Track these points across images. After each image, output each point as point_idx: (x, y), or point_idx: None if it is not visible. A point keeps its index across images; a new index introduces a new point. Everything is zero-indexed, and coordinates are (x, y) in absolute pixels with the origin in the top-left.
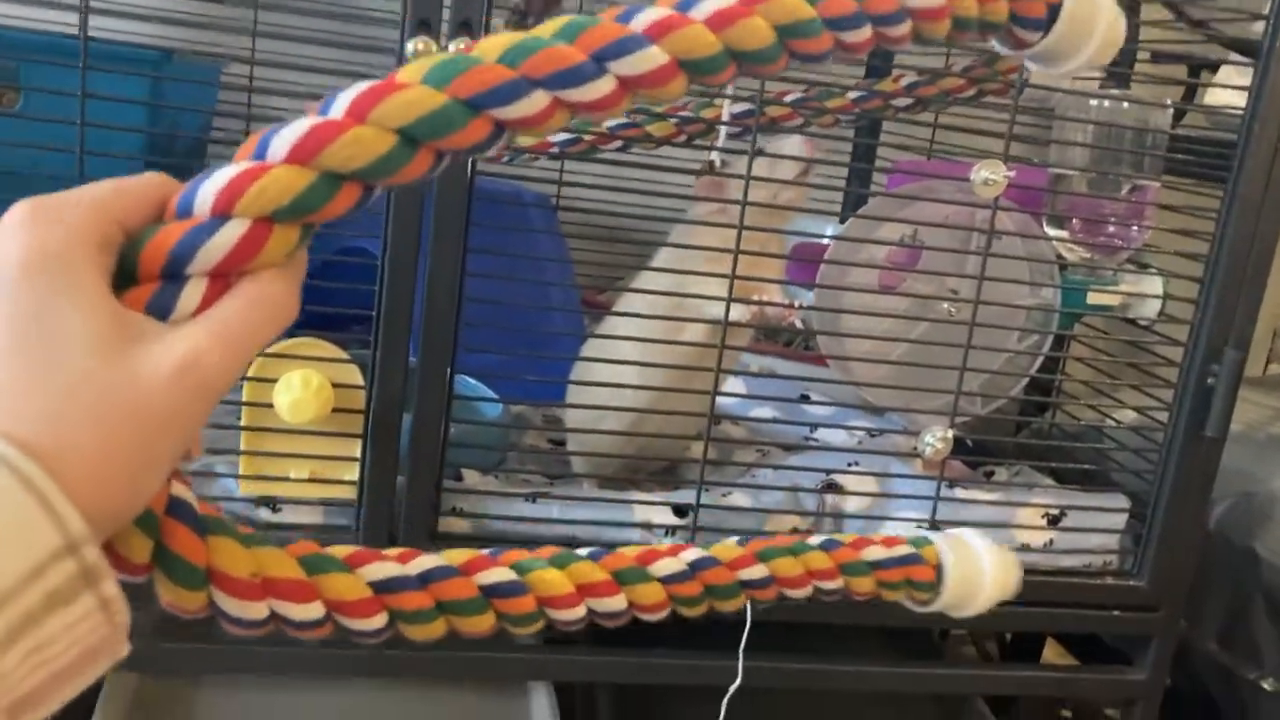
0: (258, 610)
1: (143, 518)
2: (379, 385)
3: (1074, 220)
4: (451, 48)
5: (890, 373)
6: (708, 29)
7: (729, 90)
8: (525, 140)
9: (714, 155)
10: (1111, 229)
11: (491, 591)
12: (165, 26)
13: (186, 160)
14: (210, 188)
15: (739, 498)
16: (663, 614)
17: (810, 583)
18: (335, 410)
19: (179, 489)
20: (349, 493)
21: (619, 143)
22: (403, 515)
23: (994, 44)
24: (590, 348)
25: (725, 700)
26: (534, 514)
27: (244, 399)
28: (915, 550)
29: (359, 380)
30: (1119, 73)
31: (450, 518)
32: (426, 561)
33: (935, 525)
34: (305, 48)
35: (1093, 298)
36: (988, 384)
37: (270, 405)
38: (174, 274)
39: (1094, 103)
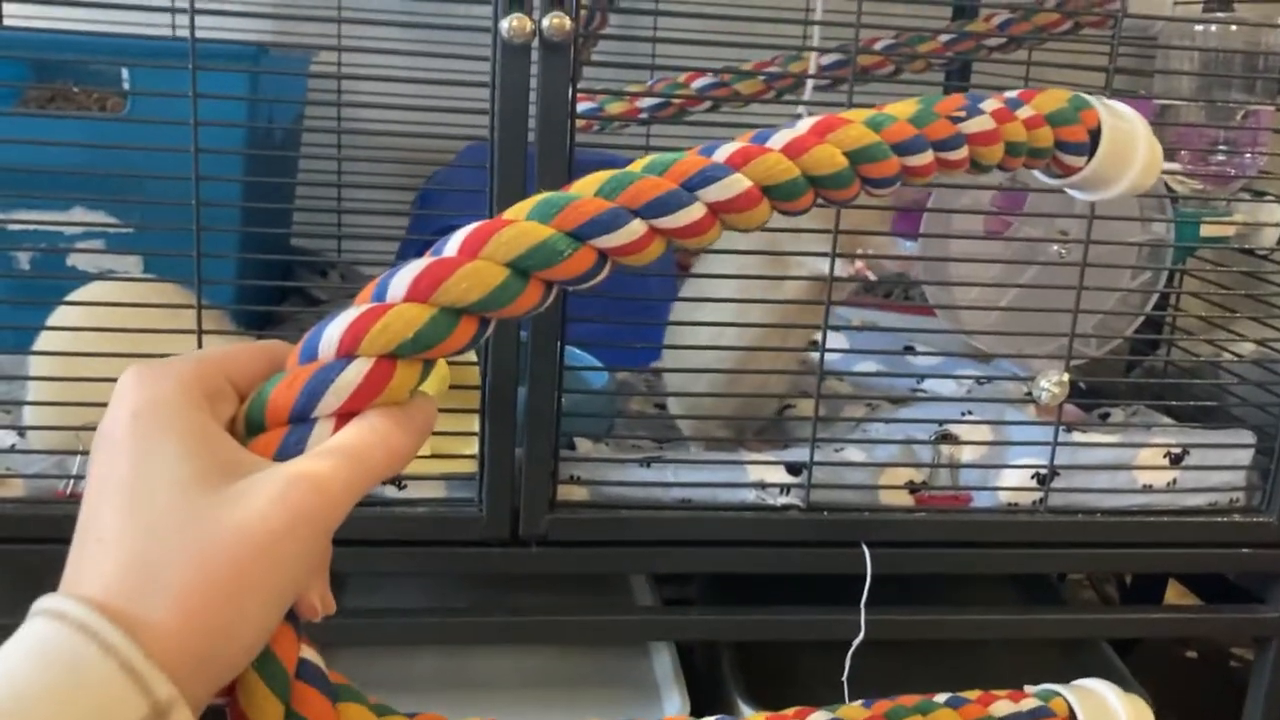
0: None
1: (274, 679)
2: (493, 359)
3: (1183, 151)
4: (545, 22)
5: (1000, 319)
6: (785, 156)
7: (815, 41)
8: (614, 107)
9: (801, 109)
10: (1223, 157)
11: None
12: (253, 20)
13: (283, 149)
14: (335, 330)
15: (852, 453)
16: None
17: None
18: (452, 387)
19: (308, 652)
20: (470, 466)
21: (708, 104)
22: (523, 485)
23: (1038, 174)
24: (683, 309)
25: (849, 654)
26: (649, 478)
27: None
28: (1043, 703)
29: (473, 356)
30: None
31: (568, 485)
32: None
33: (1054, 471)
34: (393, 31)
35: (1206, 229)
36: (1101, 324)
37: None
38: (301, 417)
39: (1199, 28)
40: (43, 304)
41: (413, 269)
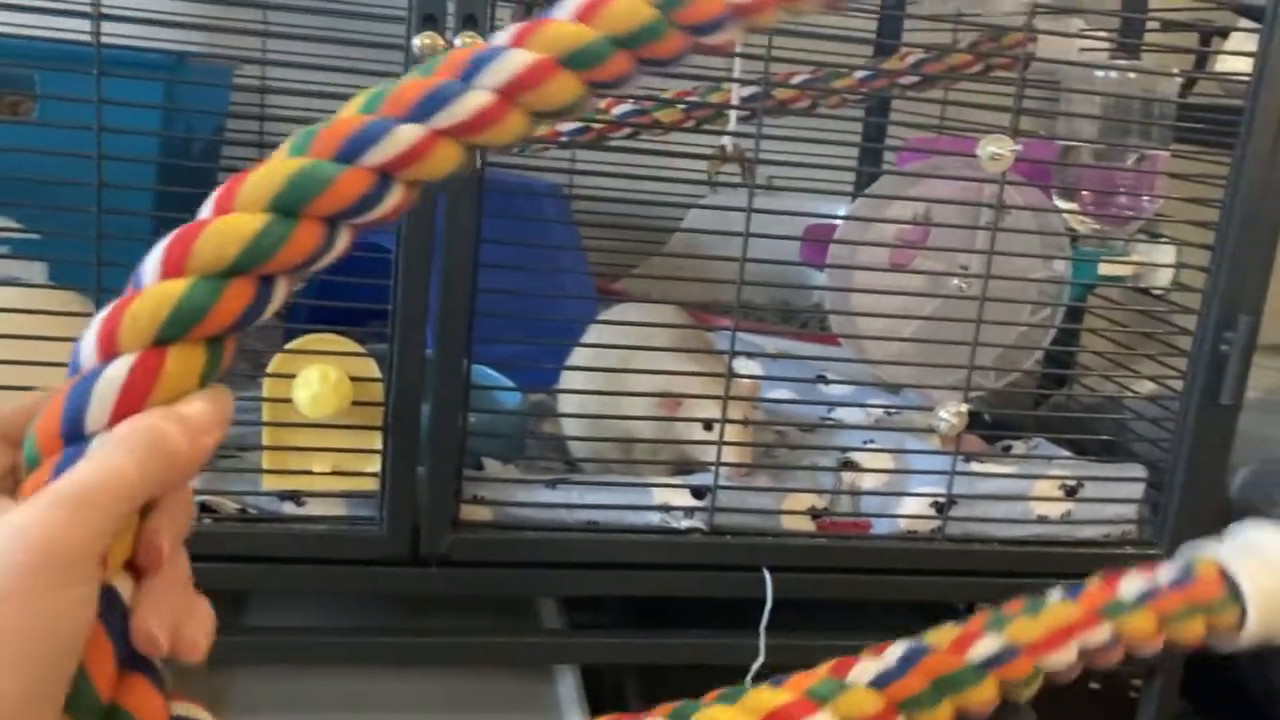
0: None
1: None
2: (397, 377)
3: (1084, 192)
4: (458, 41)
5: (904, 350)
6: (577, 21)
7: (736, 74)
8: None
9: (725, 140)
10: (1122, 199)
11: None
12: (177, 31)
13: (202, 163)
14: (90, 333)
15: (757, 477)
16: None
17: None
18: (355, 403)
19: (187, 709)
20: (371, 484)
21: (628, 130)
22: (425, 504)
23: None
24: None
25: (749, 679)
26: (555, 499)
27: (264, 395)
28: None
29: (376, 374)
30: (1129, 43)
31: (472, 505)
32: None
33: (951, 500)
34: (315, 46)
35: (1104, 268)
36: (1002, 358)
37: (290, 401)
38: (73, 437)
39: (1100, 74)
40: None
41: (161, 243)
